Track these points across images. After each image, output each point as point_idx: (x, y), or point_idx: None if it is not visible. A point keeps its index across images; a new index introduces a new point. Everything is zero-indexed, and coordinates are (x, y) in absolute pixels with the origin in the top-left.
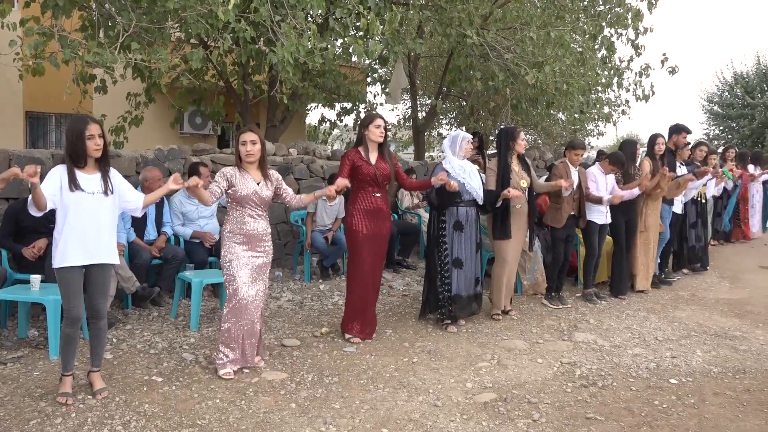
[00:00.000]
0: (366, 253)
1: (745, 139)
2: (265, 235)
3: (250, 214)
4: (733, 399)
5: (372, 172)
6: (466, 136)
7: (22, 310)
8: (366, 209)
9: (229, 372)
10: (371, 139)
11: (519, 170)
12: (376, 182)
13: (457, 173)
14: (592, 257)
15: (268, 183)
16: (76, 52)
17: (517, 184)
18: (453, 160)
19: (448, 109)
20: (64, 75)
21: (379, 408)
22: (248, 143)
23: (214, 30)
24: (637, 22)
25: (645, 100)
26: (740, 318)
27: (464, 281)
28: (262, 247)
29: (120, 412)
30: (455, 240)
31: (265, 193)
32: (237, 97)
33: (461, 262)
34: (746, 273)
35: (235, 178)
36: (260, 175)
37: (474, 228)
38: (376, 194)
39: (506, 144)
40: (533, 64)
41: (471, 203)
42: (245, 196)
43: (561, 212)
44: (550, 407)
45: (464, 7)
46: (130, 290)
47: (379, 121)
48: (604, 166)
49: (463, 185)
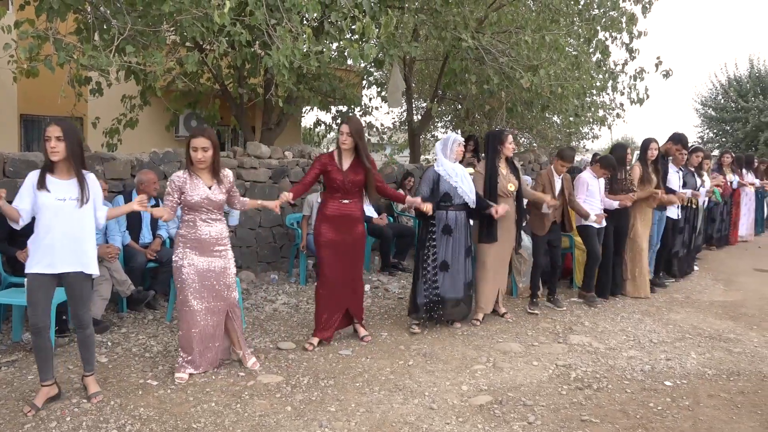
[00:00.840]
0: (330, 259)
1: (739, 142)
2: (221, 239)
3: (202, 218)
4: (727, 401)
5: (340, 179)
6: (457, 138)
7: (17, 314)
8: (332, 215)
9: (183, 377)
10: (340, 146)
11: (507, 173)
12: (344, 189)
13: (449, 176)
14: (595, 261)
15: (221, 186)
16: (71, 55)
17: (505, 187)
18: (445, 163)
19: (444, 112)
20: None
21: (374, 411)
22: (199, 150)
23: (209, 33)
24: (632, 26)
25: (640, 103)
26: (734, 320)
27: (451, 284)
28: (217, 251)
29: (115, 415)
30: (443, 243)
31: (218, 197)
32: (232, 100)
33: (448, 265)
34: (740, 275)
35: (186, 184)
36: (212, 179)
37: (463, 232)
38: (344, 201)
39: (494, 147)
40: (528, 68)
41: (461, 207)
42: (196, 202)
43: (544, 219)
44: (545, 410)
45: (459, 10)
46: (125, 293)
47: (343, 127)
48: (596, 170)
49: (455, 189)
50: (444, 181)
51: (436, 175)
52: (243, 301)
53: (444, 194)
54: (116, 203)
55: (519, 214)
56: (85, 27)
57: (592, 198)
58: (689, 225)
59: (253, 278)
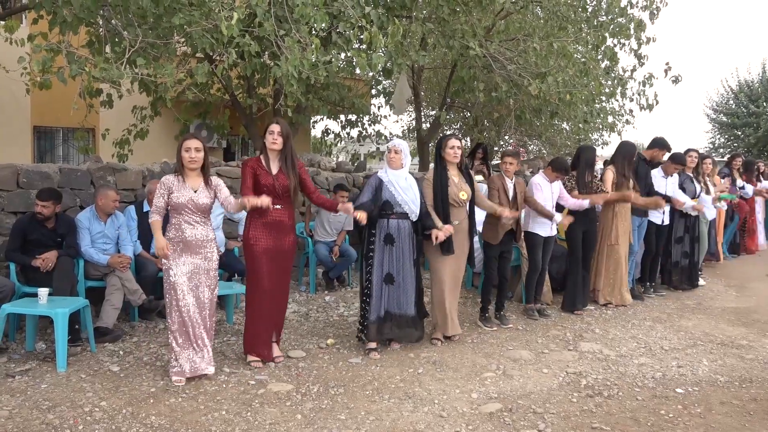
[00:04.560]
0: (265, 269)
1: (751, 147)
2: (206, 241)
3: (186, 220)
4: (739, 408)
5: (270, 182)
6: (389, 145)
7: (30, 323)
8: (264, 222)
9: (181, 380)
10: (268, 147)
11: (459, 181)
12: (276, 193)
13: (391, 184)
14: (535, 272)
15: (208, 190)
16: (83, 67)
17: (456, 195)
18: (389, 170)
19: (452, 120)
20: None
21: (384, 419)
22: (192, 150)
23: (219, 44)
24: (640, 32)
25: (649, 109)
26: (747, 327)
27: (397, 298)
28: (202, 253)
29: (127, 424)
30: (385, 254)
31: (203, 201)
32: (242, 111)
33: (392, 277)
34: (753, 282)
35: (174, 185)
36: (199, 182)
37: (408, 242)
38: (276, 206)
39: (438, 154)
40: (536, 75)
41: (404, 216)
42: (180, 204)
43: (498, 228)
44: (555, 417)
45: (467, 19)
46: (137, 303)
47: (273, 127)
48: (548, 174)
49: (395, 197)
50: (386, 188)
51: (378, 182)
52: None
53: (385, 202)
54: (128, 214)
55: (471, 226)
56: (97, 39)
57: (544, 203)
58: (688, 234)
59: None
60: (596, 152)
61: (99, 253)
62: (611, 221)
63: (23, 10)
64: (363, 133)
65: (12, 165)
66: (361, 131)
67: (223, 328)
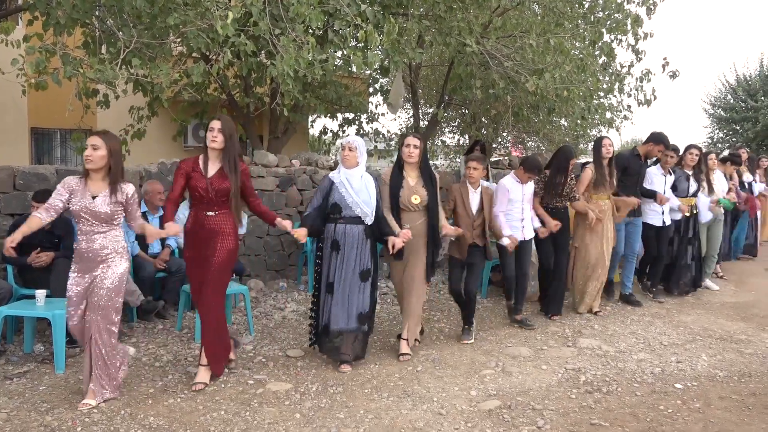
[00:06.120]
0: (197, 281)
1: (749, 142)
2: (105, 254)
3: (82, 230)
4: (738, 403)
5: (203, 186)
6: (342, 142)
7: (28, 326)
8: (194, 232)
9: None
10: (207, 146)
11: (415, 184)
12: (208, 198)
13: (342, 185)
14: (509, 279)
15: (113, 198)
16: (78, 68)
17: (407, 199)
18: (343, 169)
19: (450, 117)
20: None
21: (383, 417)
22: (89, 147)
23: (214, 44)
24: (637, 28)
25: (647, 104)
26: (746, 321)
27: (336, 312)
28: (99, 268)
29: (125, 425)
30: (331, 261)
31: (102, 209)
32: (239, 110)
33: (332, 287)
34: (752, 276)
35: (75, 188)
36: (103, 187)
37: (357, 250)
38: (208, 213)
39: (399, 152)
40: (533, 72)
41: (354, 220)
42: (75, 211)
43: (461, 242)
44: (554, 414)
45: (464, 16)
46: (135, 303)
47: (213, 123)
48: (519, 175)
49: (344, 199)
50: (336, 189)
51: (329, 184)
52: (252, 310)
53: (333, 205)
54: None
55: (430, 233)
56: (92, 40)
57: (512, 206)
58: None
59: (262, 286)
60: (572, 152)
61: None
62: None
63: (18, 11)
64: (360, 132)
65: (8, 167)
66: (359, 129)
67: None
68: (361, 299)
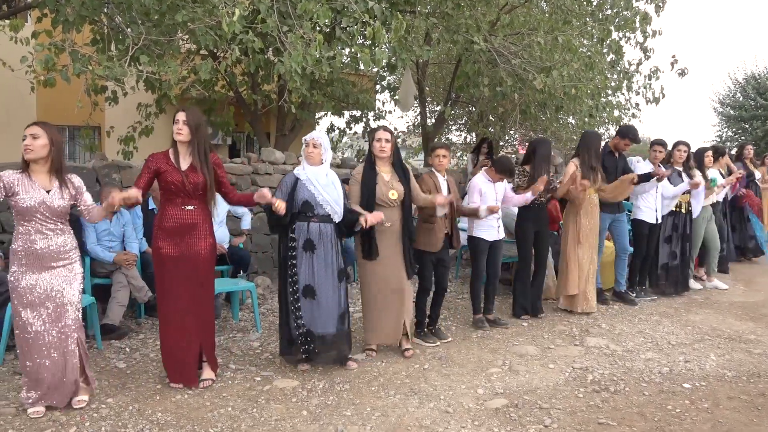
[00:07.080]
0: (175, 281)
1: (759, 140)
2: (65, 252)
3: (38, 229)
4: (747, 403)
5: (179, 179)
6: (306, 138)
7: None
8: (172, 227)
9: (39, 411)
10: (174, 139)
11: (390, 179)
12: (185, 192)
13: (309, 182)
14: (478, 280)
15: (64, 191)
16: (87, 66)
17: (384, 195)
18: (307, 166)
19: (458, 115)
20: (77, 87)
21: (390, 415)
22: (28, 137)
23: (222, 41)
24: (645, 25)
25: (655, 102)
26: (755, 321)
27: (319, 315)
28: (58, 267)
29: (133, 420)
30: (305, 262)
31: (58, 203)
32: (247, 107)
33: (313, 290)
34: (761, 276)
35: (16, 184)
36: (51, 181)
37: (332, 249)
38: (187, 207)
39: (369, 146)
40: (541, 69)
41: (327, 218)
42: (29, 208)
43: (435, 234)
44: (561, 413)
45: (471, 13)
46: (143, 299)
47: (178, 115)
48: (491, 174)
49: (315, 197)
50: (303, 187)
51: (294, 180)
52: (259, 306)
53: (303, 203)
54: (133, 211)
55: (405, 228)
56: (100, 37)
57: (485, 205)
58: (677, 233)
59: (269, 283)
60: (551, 145)
61: (105, 251)
62: (577, 219)
63: (27, 8)
64: (368, 129)
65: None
66: (366, 127)
67: (228, 325)
68: (339, 299)
